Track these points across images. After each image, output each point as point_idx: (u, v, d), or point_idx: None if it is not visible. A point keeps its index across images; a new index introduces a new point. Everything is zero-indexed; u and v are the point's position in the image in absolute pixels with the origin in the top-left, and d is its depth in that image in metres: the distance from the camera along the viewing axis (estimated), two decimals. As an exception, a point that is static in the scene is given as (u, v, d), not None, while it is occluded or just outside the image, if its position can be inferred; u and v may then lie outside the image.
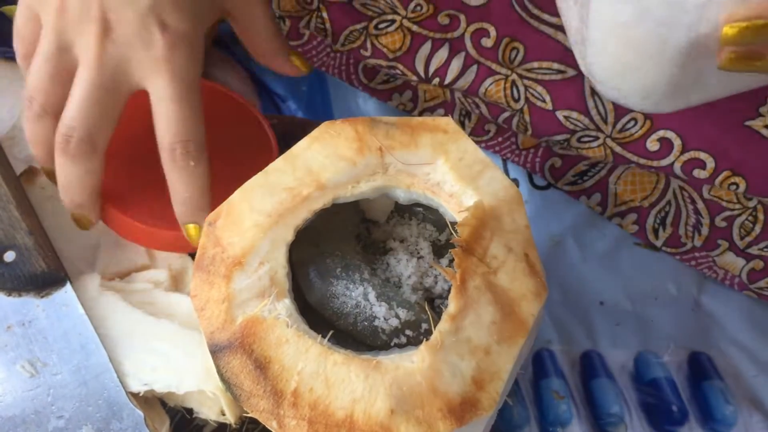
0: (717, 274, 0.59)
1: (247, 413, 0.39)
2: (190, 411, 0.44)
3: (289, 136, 0.54)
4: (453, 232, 0.38)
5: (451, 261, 0.41)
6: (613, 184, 0.59)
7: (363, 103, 0.63)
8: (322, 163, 0.38)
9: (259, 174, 0.38)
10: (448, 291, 0.40)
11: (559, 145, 0.56)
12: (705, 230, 0.57)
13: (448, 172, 0.38)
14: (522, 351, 0.35)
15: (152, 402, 0.44)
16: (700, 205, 0.57)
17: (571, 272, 0.60)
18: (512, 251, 0.36)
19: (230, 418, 0.42)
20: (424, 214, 0.43)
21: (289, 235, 0.37)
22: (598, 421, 0.53)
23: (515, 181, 0.62)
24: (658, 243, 0.59)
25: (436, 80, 0.53)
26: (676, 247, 0.59)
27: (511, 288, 0.35)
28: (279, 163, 0.38)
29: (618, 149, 0.52)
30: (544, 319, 0.58)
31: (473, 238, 0.36)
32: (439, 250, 0.42)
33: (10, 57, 0.57)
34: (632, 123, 0.50)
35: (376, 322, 0.37)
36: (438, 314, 0.39)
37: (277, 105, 0.64)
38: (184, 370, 0.42)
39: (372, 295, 0.38)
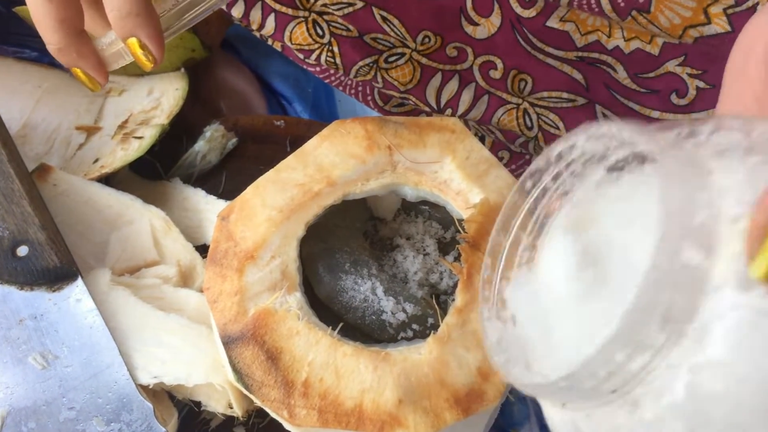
0: None
1: (255, 406, 0.40)
2: (198, 404, 0.44)
3: (294, 137, 0.55)
4: (460, 228, 0.39)
5: (457, 258, 0.42)
6: None
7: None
8: (333, 161, 0.39)
9: (271, 171, 0.39)
10: (453, 287, 0.41)
11: None
12: None
13: (455, 171, 0.39)
14: (526, 344, 0.36)
15: (160, 395, 0.44)
16: None
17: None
18: (517, 247, 0.37)
19: (238, 411, 0.43)
20: (430, 212, 0.44)
21: (300, 230, 0.38)
22: (596, 418, 0.54)
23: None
24: None
25: (449, 111, 0.53)
26: None
27: (516, 283, 0.36)
28: (290, 160, 0.39)
29: None
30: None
31: (479, 234, 0.37)
32: (445, 247, 0.43)
33: (22, 57, 0.58)
34: None
35: (384, 316, 0.38)
36: (443, 309, 0.40)
37: (283, 106, 0.65)
38: (192, 363, 0.42)
39: (380, 290, 0.39)
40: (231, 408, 0.43)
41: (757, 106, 0.24)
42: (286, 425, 0.36)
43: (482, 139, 0.61)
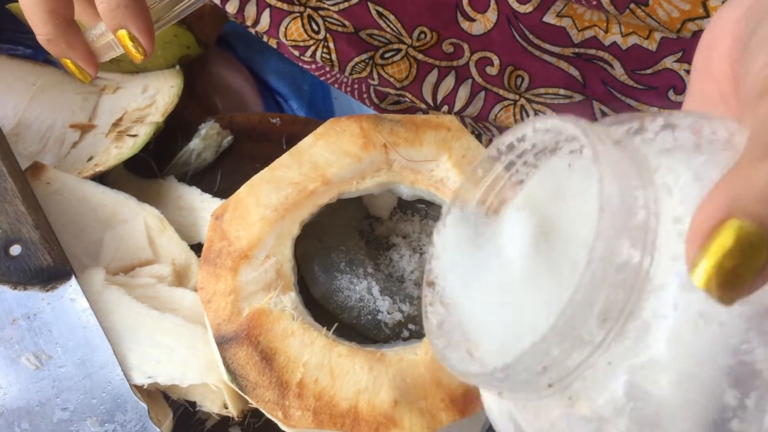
0: None
1: (250, 406, 0.40)
2: (193, 404, 0.44)
3: (290, 135, 0.55)
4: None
5: (453, 257, 0.42)
6: None
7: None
8: (328, 159, 0.39)
9: (266, 169, 0.38)
10: (450, 286, 0.41)
11: None
12: None
13: (452, 169, 0.39)
14: (523, 344, 0.36)
15: (155, 395, 0.44)
16: None
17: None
18: (514, 246, 0.37)
19: (233, 411, 0.43)
20: (427, 210, 0.44)
21: (294, 229, 0.37)
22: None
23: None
24: None
25: (445, 108, 0.53)
26: None
27: (513, 282, 0.36)
28: (285, 158, 0.39)
29: None
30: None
31: (476, 233, 0.37)
32: (441, 246, 0.43)
33: (17, 54, 0.58)
34: None
35: (380, 316, 0.38)
36: (440, 309, 0.39)
37: (279, 104, 0.64)
38: (187, 363, 0.42)
39: (376, 290, 0.39)
40: (226, 408, 0.43)
41: (722, 103, 0.23)
42: (282, 426, 0.36)
43: (479, 137, 0.60)
